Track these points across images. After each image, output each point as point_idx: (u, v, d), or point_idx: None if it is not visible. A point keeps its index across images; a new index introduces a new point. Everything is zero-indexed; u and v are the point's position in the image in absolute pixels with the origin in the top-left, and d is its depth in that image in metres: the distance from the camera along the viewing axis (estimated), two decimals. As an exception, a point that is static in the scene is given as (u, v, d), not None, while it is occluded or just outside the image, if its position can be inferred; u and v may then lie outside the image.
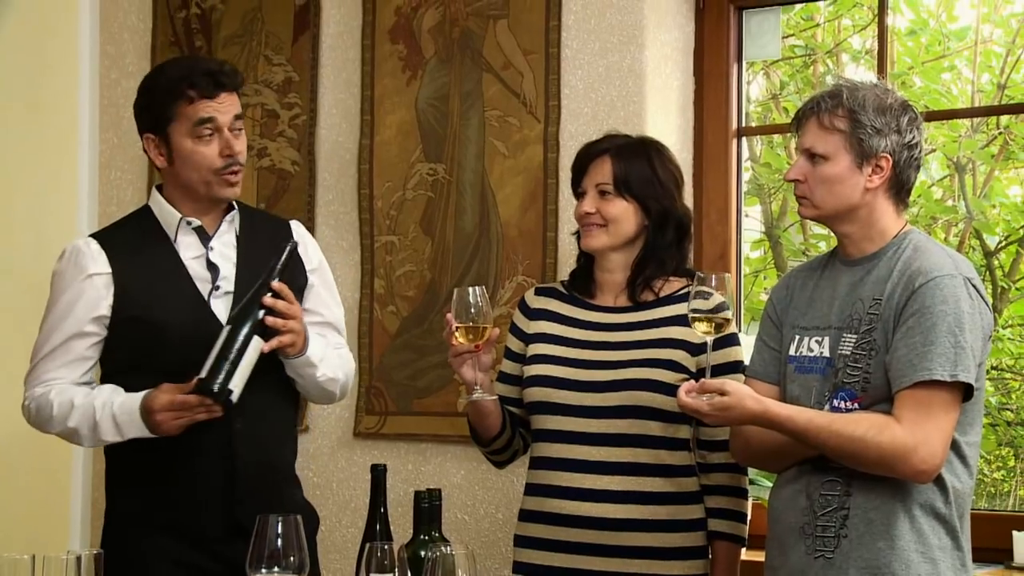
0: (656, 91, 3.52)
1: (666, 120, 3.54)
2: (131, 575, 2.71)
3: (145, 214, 2.83)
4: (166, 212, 2.78)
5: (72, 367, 2.75)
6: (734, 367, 2.71)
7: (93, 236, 2.82)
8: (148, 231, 2.79)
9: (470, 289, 2.60)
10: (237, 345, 2.56)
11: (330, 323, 2.90)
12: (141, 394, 2.64)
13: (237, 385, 2.56)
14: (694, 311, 2.49)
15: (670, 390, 2.63)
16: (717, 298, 2.47)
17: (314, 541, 2.84)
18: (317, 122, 3.93)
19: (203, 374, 2.55)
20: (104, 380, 2.78)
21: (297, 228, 2.92)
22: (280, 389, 2.79)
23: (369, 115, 3.85)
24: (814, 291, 2.60)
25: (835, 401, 2.47)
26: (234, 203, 2.82)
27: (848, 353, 2.47)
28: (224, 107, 2.72)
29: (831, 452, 2.43)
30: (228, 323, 2.61)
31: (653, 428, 2.70)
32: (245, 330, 2.58)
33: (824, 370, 2.51)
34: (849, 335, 2.48)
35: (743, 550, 2.80)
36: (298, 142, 3.93)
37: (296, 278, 2.80)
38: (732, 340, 2.75)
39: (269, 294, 2.61)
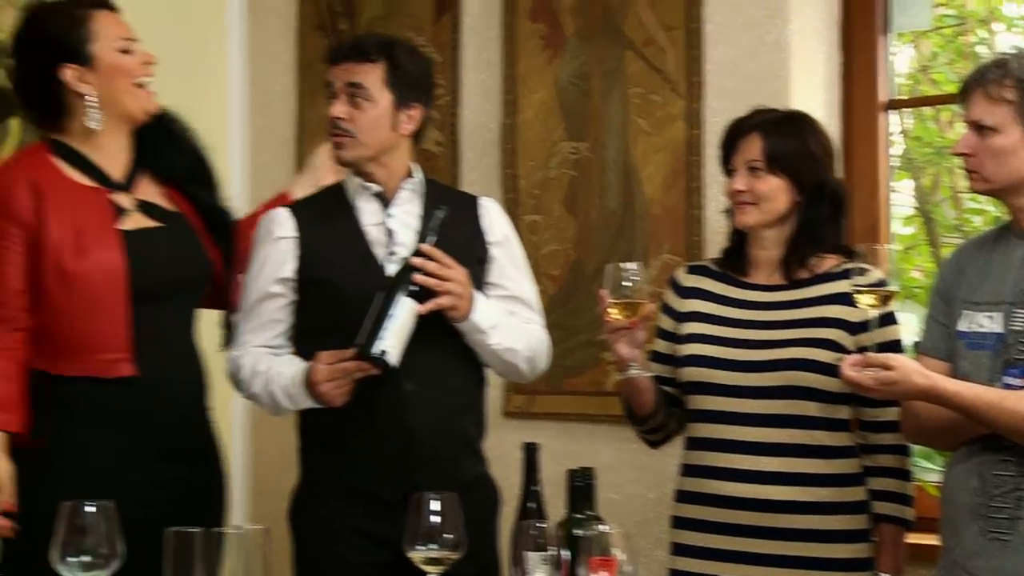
0: (801, 65, 3.47)
1: (812, 94, 3.48)
2: (314, 543, 2.80)
3: (336, 186, 2.90)
4: (352, 180, 2.85)
5: (262, 330, 2.82)
6: (893, 346, 2.66)
7: (286, 205, 2.91)
8: (335, 199, 2.86)
9: (624, 265, 2.58)
10: (386, 306, 2.61)
11: (516, 296, 2.89)
12: (307, 365, 2.70)
13: (392, 345, 2.60)
14: (857, 285, 2.45)
15: (828, 370, 2.60)
16: (877, 273, 2.43)
17: (495, 519, 2.85)
18: (460, 102, 3.95)
19: (358, 339, 2.61)
20: (294, 343, 2.84)
21: (486, 203, 2.95)
22: (459, 356, 2.81)
23: (511, 95, 3.86)
24: (985, 265, 2.54)
25: (1006, 378, 2.41)
26: (413, 171, 2.86)
27: (1021, 329, 2.41)
28: (337, 73, 2.79)
29: (1001, 430, 2.37)
30: (383, 287, 2.65)
31: (811, 408, 2.66)
32: (394, 291, 2.63)
33: (995, 346, 2.44)
34: (1022, 310, 2.42)
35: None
36: (441, 123, 3.95)
37: (471, 248, 2.83)
38: (890, 319, 2.70)
39: (417, 256, 2.66)
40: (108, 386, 2.74)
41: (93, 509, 2.00)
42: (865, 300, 2.47)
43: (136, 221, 2.81)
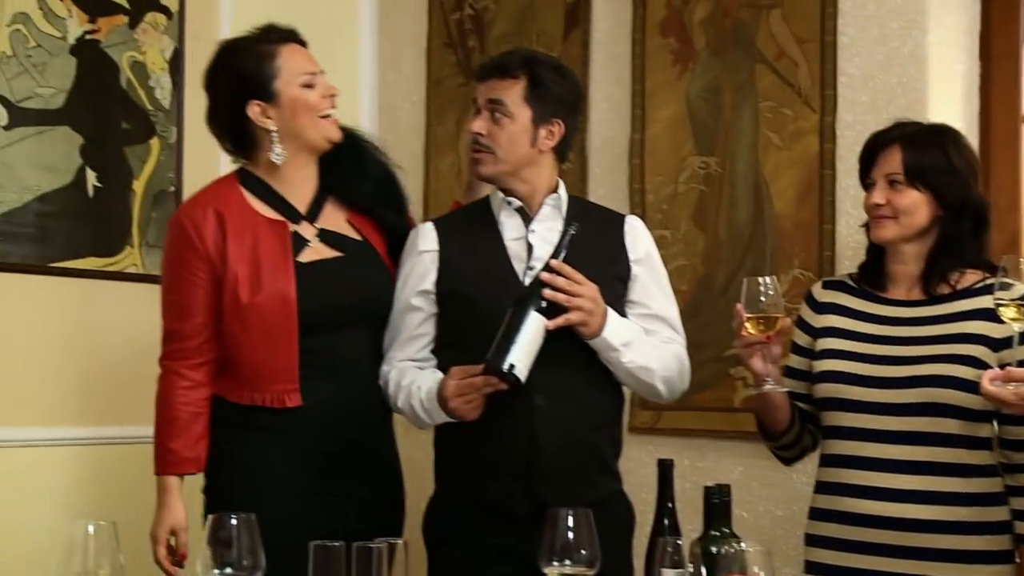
0: (939, 77, 3.41)
1: (950, 106, 3.42)
2: (445, 556, 2.82)
3: (483, 201, 2.93)
4: (496, 195, 2.88)
5: (407, 344, 2.86)
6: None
7: (432, 219, 2.96)
8: (478, 213, 2.89)
9: (761, 279, 2.56)
10: (515, 321, 2.62)
11: (657, 315, 2.88)
12: (440, 380, 2.72)
13: (520, 360, 2.60)
14: (999, 299, 2.40)
15: (970, 387, 2.54)
16: (1021, 287, 2.38)
17: (629, 538, 2.84)
18: (588, 117, 3.95)
19: (488, 354, 2.62)
20: (436, 356, 2.87)
21: (632, 221, 2.95)
22: (593, 373, 2.80)
23: (640, 109, 3.85)
24: None
25: None
26: (559, 188, 2.88)
27: None
28: (481, 90, 2.84)
29: None
30: (513, 303, 2.66)
31: (951, 426, 2.61)
32: (524, 307, 2.63)
33: None
34: None
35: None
36: (570, 138, 3.96)
37: (611, 266, 2.83)
38: (1037, 335, 2.64)
39: (547, 272, 2.66)
40: (278, 414, 2.82)
41: (235, 521, 2.04)
42: (1008, 313, 2.42)
43: (316, 252, 2.89)
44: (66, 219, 3.58)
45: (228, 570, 2.03)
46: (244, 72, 2.87)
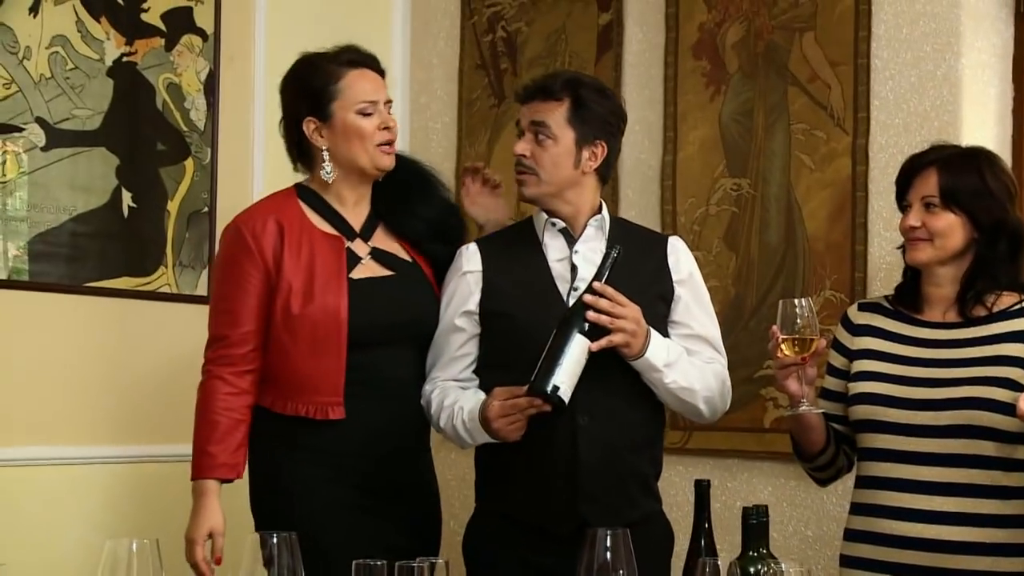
0: (972, 100, 3.41)
1: (983, 129, 3.42)
2: (485, 574, 2.83)
3: (527, 221, 2.95)
4: (540, 216, 2.89)
5: (451, 365, 2.88)
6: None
7: (476, 240, 2.97)
8: (523, 234, 2.91)
9: (797, 300, 2.57)
10: (559, 343, 2.62)
11: (700, 336, 2.89)
12: (483, 401, 2.73)
13: (563, 382, 2.60)
14: None
15: (1006, 409, 2.53)
16: None
17: (668, 558, 2.83)
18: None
19: (532, 376, 2.62)
20: (479, 376, 2.88)
21: (675, 242, 2.97)
22: (636, 394, 2.81)
23: (672, 131, 3.87)
24: None
25: None
26: (602, 209, 2.89)
27: None
28: (524, 112, 2.87)
29: None
30: (557, 324, 2.67)
31: (988, 448, 2.60)
32: (568, 329, 2.64)
33: None
34: None
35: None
36: (601, 160, 3.97)
37: (653, 286, 2.85)
38: (1075, 355, 2.64)
39: (590, 294, 2.67)
40: (319, 426, 2.83)
41: (276, 540, 2.06)
42: None
43: (368, 270, 2.91)
44: (101, 239, 3.62)
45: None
46: (307, 88, 2.91)
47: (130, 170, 3.69)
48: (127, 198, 3.68)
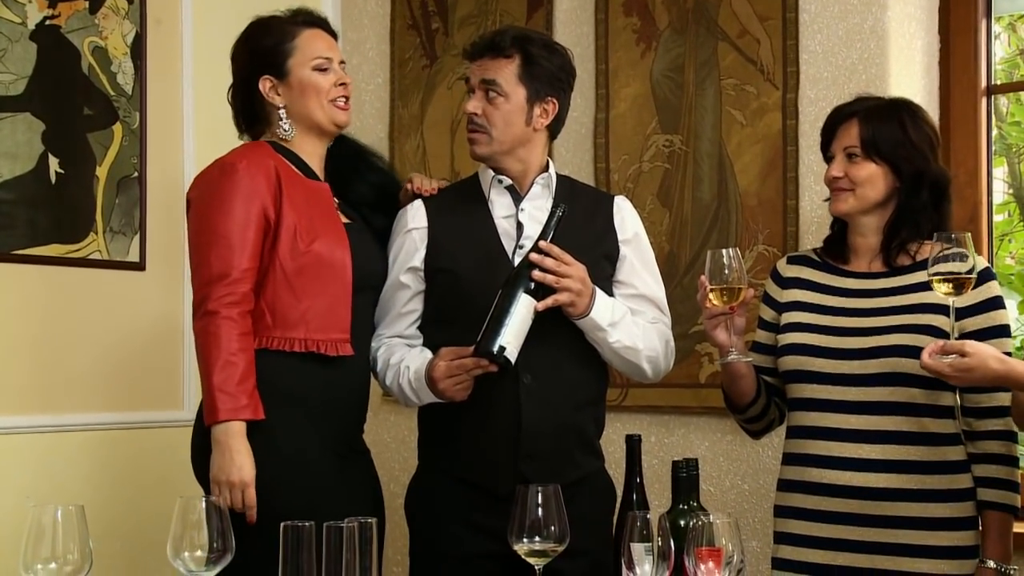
0: (899, 52, 3.43)
1: (910, 81, 3.45)
2: (428, 533, 2.84)
3: (473, 178, 2.94)
4: (486, 172, 2.88)
5: (396, 322, 2.88)
6: (1000, 331, 2.63)
7: (422, 197, 2.94)
8: (468, 191, 2.90)
9: (724, 251, 2.58)
10: (505, 303, 2.62)
11: (644, 296, 2.90)
12: (429, 360, 2.73)
13: (510, 342, 2.60)
14: (934, 274, 2.45)
15: (930, 355, 2.57)
16: (972, 261, 2.42)
17: (610, 515, 2.83)
18: (552, 98, 3.95)
19: (479, 336, 2.62)
20: (423, 332, 2.88)
21: (620, 201, 2.96)
22: (580, 353, 2.81)
23: (604, 89, 3.86)
24: None
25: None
26: (549, 167, 2.89)
27: None
28: (474, 70, 2.86)
29: None
30: (502, 284, 2.66)
31: (915, 395, 2.63)
32: (513, 288, 2.64)
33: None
34: None
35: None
36: (533, 118, 3.96)
37: (599, 245, 2.84)
38: (997, 303, 2.67)
39: (536, 253, 2.66)
40: (326, 364, 2.77)
41: (204, 505, 2.06)
42: (942, 289, 2.46)
43: (344, 218, 2.91)
44: (28, 206, 3.56)
45: (198, 553, 2.05)
46: (262, 47, 2.91)
47: (56, 135, 3.63)
48: (54, 164, 3.62)
